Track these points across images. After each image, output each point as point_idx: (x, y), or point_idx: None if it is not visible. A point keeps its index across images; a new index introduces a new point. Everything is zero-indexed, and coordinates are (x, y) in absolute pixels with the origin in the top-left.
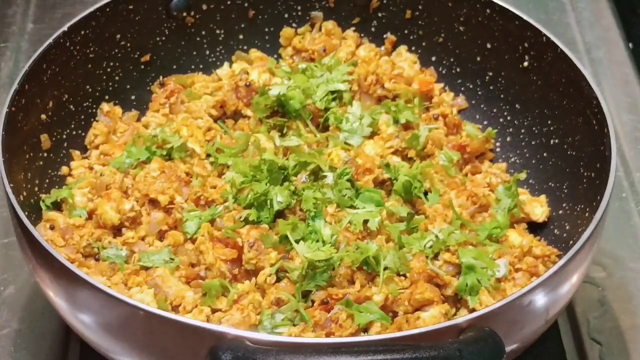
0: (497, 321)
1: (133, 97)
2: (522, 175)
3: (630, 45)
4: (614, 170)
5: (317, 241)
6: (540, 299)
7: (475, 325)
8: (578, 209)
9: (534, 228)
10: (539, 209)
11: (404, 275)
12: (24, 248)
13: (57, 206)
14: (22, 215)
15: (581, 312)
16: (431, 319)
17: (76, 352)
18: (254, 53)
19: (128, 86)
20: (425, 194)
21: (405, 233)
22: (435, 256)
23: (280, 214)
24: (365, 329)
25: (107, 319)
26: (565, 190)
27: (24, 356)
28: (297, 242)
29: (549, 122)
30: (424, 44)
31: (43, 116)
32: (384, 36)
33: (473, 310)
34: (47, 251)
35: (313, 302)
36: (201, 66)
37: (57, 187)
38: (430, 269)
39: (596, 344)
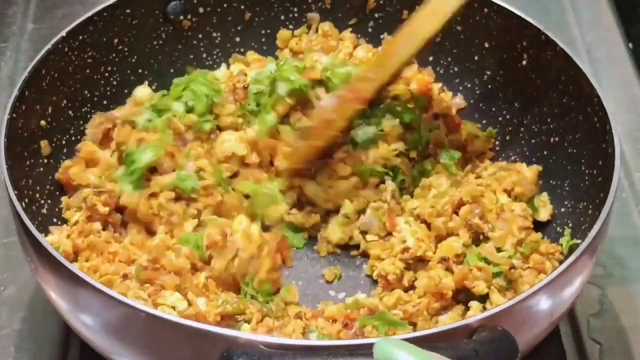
0: (507, 320)
1: None
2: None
3: (630, 45)
4: (618, 167)
5: None
6: (550, 298)
7: (486, 324)
8: (580, 207)
9: (537, 226)
10: (542, 207)
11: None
12: (26, 250)
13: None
14: (27, 221)
15: (581, 312)
16: (450, 320)
17: (76, 352)
18: (251, 55)
19: (126, 91)
20: None
21: None
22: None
23: None
24: None
25: (110, 321)
26: (567, 189)
27: (24, 356)
28: None
29: (549, 120)
30: None
31: (43, 122)
32: (381, 37)
33: (484, 308)
34: (50, 253)
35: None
36: (198, 69)
37: (57, 193)
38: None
39: (596, 344)
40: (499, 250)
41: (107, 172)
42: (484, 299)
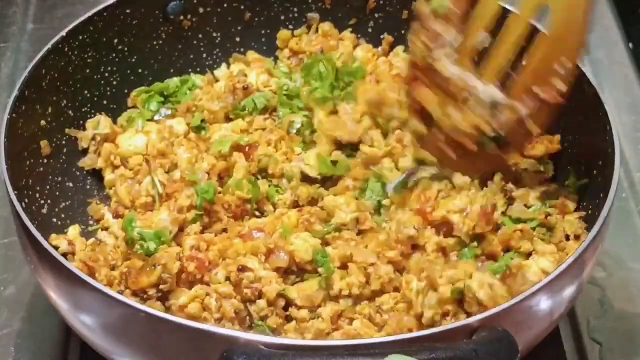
0: (507, 320)
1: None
2: None
3: (630, 45)
4: (618, 167)
5: None
6: (549, 298)
7: (486, 324)
8: (580, 207)
9: None
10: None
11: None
12: (26, 250)
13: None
14: (27, 221)
15: (581, 312)
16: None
17: (76, 352)
18: (251, 55)
19: (126, 90)
20: None
21: None
22: None
23: None
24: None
25: (110, 321)
26: (567, 189)
27: (24, 356)
28: None
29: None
30: None
31: (42, 122)
32: (381, 37)
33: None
34: (50, 253)
35: None
36: (198, 69)
37: (57, 193)
38: None
39: (596, 344)
40: (527, 207)
41: None
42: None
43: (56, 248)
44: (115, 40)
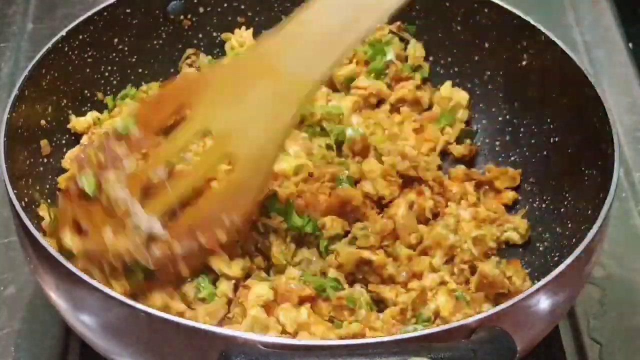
0: (506, 320)
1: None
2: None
3: (630, 45)
4: (618, 167)
5: None
6: (549, 298)
7: (485, 324)
8: (580, 207)
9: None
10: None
11: None
12: (26, 250)
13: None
14: (27, 221)
15: (581, 312)
16: None
17: (76, 352)
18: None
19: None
20: None
21: None
22: None
23: None
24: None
25: (110, 321)
26: (567, 189)
27: (24, 356)
28: None
29: (549, 120)
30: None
31: (42, 122)
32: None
33: None
34: (49, 253)
35: None
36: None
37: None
38: None
39: (596, 344)
40: None
41: None
42: None
43: (42, 219)
44: (116, 40)
